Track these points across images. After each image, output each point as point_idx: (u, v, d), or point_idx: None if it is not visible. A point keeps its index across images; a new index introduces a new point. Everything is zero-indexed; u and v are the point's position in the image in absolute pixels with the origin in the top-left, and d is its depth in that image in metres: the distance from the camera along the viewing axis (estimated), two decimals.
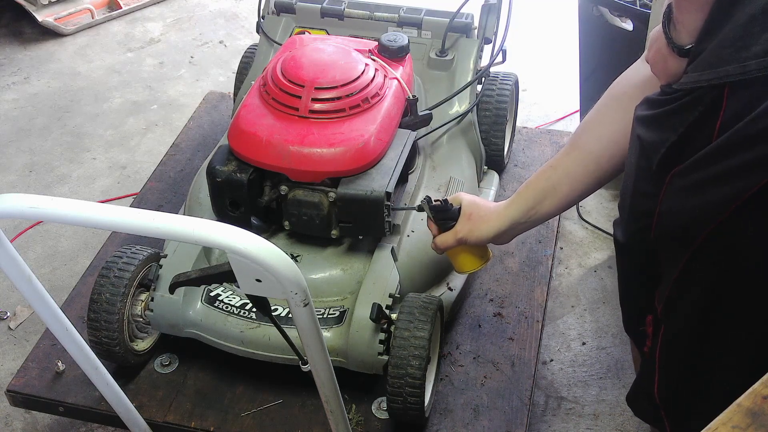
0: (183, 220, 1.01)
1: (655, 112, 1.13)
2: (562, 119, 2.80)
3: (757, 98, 0.98)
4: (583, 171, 1.44)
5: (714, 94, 1.02)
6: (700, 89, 1.04)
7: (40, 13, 3.25)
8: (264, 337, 1.57)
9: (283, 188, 1.60)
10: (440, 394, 1.67)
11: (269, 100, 1.62)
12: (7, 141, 2.76)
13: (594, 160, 1.42)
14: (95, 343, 1.59)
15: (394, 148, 1.65)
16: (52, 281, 2.24)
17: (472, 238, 1.56)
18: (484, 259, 1.63)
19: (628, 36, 2.17)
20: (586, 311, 2.13)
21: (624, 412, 1.89)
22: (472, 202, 1.58)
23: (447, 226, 1.58)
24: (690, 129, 1.06)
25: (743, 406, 0.78)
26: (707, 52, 1.03)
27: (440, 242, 1.60)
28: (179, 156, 2.28)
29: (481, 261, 1.63)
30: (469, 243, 1.58)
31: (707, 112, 1.03)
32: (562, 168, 1.46)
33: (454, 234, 1.57)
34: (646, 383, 1.31)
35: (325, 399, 1.27)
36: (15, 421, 1.90)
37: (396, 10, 2.02)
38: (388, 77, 1.70)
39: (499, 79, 2.10)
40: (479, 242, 1.58)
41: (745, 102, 0.99)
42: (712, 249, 1.09)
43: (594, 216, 2.40)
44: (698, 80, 1.03)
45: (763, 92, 0.97)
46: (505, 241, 1.58)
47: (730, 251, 1.08)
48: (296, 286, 1.02)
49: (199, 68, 3.13)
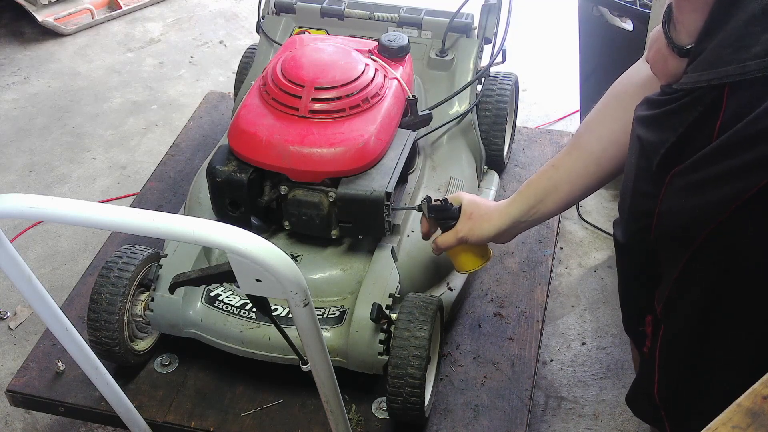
0: (183, 220, 1.01)
1: (655, 112, 1.13)
2: (562, 119, 2.80)
3: (757, 98, 0.98)
4: (584, 170, 1.44)
5: (714, 95, 1.02)
6: (700, 89, 1.04)
7: (40, 13, 3.25)
8: (264, 337, 1.57)
9: (283, 188, 1.60)
10: (440, 394, 1.67)
11: (269, 100, 1.62)
12: (7, 141, 2.76)
13: (595, 159, 1.42)
14: (95, 343, 1.59)
15: (394, 148, 1.65)
16: (52, 281, 2.24)
17: (473, 237, 1.56)
18: (485, 258, 1.63)
19: (628, 36, 2.17)
20: (586, 311, 2.13)
21: (624, 412, 1.89)
22: (472, 202, 1.58)
23: (447, 226, 1.58)
24: (690, 129, 1.06)
25: (743, 406, 0.78)
26: (707, 53, 1.03)
27: (441, 242, 1.60)
28: (179, 156, 2.28)
29: (482, 260, 1.63)
30: (470, 242, 1.58)
31: (707, 112, 1.03)
32: (563, 167, 1.47)
33: (454, 233, 1.57)
34: (646, 383, 1.31)
35: (325, 399, 1.27)
36: (15, 421, 1.90)
37: (396, 10, 2.02)
38: (388, 77, 1.70)
39: (499, 79, 2.10)
40: (480, 241, 1.58)
41: (745, 102, 0.99)
42: (712, 249, 1.09)
43: (594, 216, 2.40)
44: (698, 80, 1.03)
45: (763, 92, 0.98)
46: (506, 239, 1.58)
47: (731, 251, 1.08)
48: (296, 286, 1.02)
49: (199, 68, 3.13)
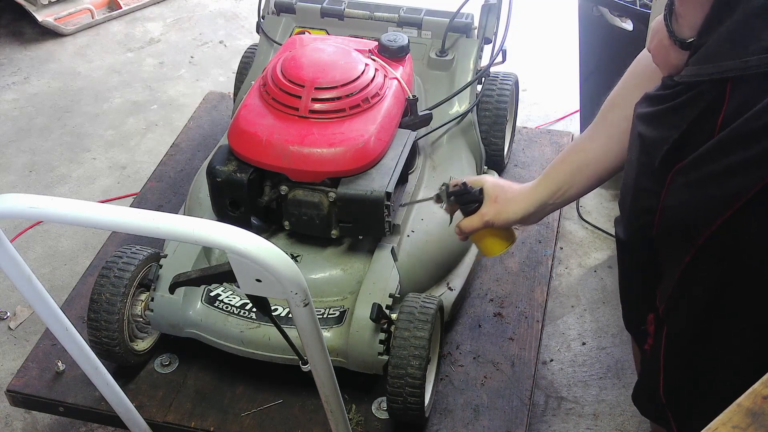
0: (183, 220, 1.01)
1: (657, 109, 1.12)
2: (562, 119, 2.80)
3: (758, 94, 0.97)
4: (611, 148, 1.39)
5: (716, 90, 1.02)
6: (702, 85, 1.03)
7: (40, 13, 3.25)
8: (264, 337, 1.57)
9: (283, 188, 1.60)
10: (440, 394, 1.67)
11: (269, 100, 1.62)
12: (7, 141, 2.76)
13: (622, 136, 1.37)
14: (95, 343, 1.59)
15: (394, 148, 1.65)
16: (52, 281, 2.24)
17: (500, 220, 1.51)
18: (511, 241, 1.57)
19: (628, 36, 2.17)
20: (586, 311, 2.13)
21: (624, 412, 1.89)
22: (496, 185, 1.53)
23: (469, 210, 1.51)
24: (692, 126, 1.05)
25: (743, 406, 0.78)
26: (708, 46, 1.02)
27: (465, 225, 1.54)
28: (179, 156, 2.28)
29: (508, 243, 1.57)
30: (496, 225, 1.52)
31: (709, 108, 1.03)
32: (590, 147, 1.43)
33: (480, 217, 1.51)
34: (652, 383, 1.31)
35: (325, 399, 1.27)
36: (15, 421, 1.90)
37: (396, 10, 2.02)
38: (388, 77, 1.70)
39: (499, 79, 2.10)
40: (506, 224, 1.52)
41: (747, 98, 0.98)
42: (714, 248, 1.08)
43: (594, 216, 2.40)
44: (699, 74, 1.03)
45: (765, 88, 0.97)
46: (532, 222, 1.53)
47: (734, 250, 1.08)
48: (296, 286, 1.02)
49: (199, 68, 3.13)
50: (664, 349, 1.25)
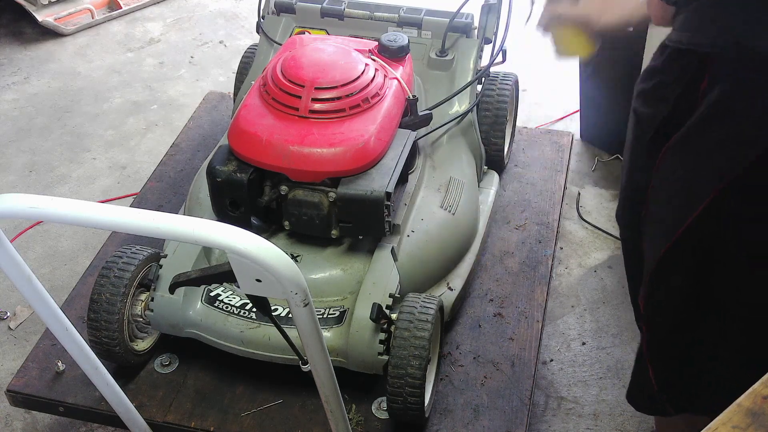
0: (183, 220, 1.01)
1: (650, 84, 1.14)
2: (562, 119, 2.81)
3: (732, 74, 0.98)
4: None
5: (697, 65, 1.04)
6: (687, 56, 1.05)
7: (40, 13, 3.25)
8: (264, 337, 1.57)
9: (283, 188, 1.60)
10: (440, 394, 1.67)
11: (269, 100, 1.62)
12: (7, 141, 2.76)
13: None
14: (95, 343, 1.59)
15: (394, 148, 1.65)
16: (52, 281, 2.24)
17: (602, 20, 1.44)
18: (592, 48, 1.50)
19: (628, 36, 2.17)
20: (586, 311, 2.13)
21: (624, 412, 1.89)
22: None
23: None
24: (679, 100, 1.08)
25: (743, 406, 0.78)
26: (690, 15, 1.04)
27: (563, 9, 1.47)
28: (179, 156, 2.28)
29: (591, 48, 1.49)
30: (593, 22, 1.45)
31: (692, 82, 1.05)
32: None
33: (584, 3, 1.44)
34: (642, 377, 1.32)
35: (325, 399, 1.27)
36: (15, 421, 1.90)
37: (396, 10, 2.02)
38: (388, 77, 1.70)
39: (499, 79, 2.10)
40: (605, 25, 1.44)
41: (723, 76, 1.00)
42: (693, 237, 1.10)
43: (594, 216, 2.40)
44: (680, 41, 1.05)
45: (739, 67, 0.98)
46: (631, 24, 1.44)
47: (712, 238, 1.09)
48: (296, 286, 1.02)
49: (199, 68, 3.13)
50: (647, 342, 1.26)
